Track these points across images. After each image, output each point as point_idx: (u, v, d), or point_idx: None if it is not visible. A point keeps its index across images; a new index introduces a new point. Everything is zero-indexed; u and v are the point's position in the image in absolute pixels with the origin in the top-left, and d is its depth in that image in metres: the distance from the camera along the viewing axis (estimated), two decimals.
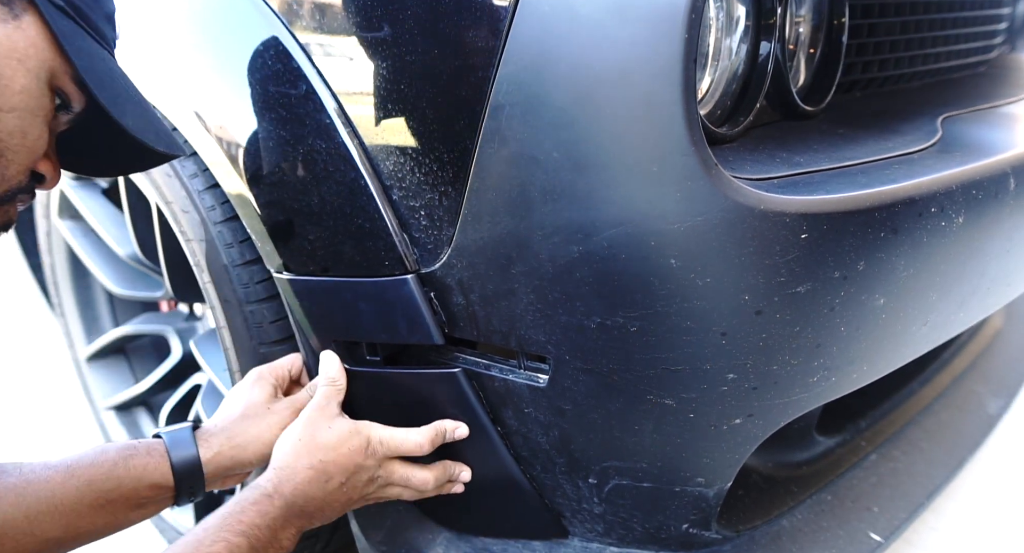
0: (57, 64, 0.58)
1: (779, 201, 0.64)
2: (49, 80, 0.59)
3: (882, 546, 0.93)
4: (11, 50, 0.55)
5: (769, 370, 0.71)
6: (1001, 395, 1.29)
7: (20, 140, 0.58)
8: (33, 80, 0.57)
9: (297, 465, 0.77)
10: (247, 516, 0.71)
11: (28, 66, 0.56)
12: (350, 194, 0.77)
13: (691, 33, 0.60)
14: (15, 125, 0.57)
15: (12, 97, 0.56)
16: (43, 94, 0.59)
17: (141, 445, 0.81)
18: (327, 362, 0.85)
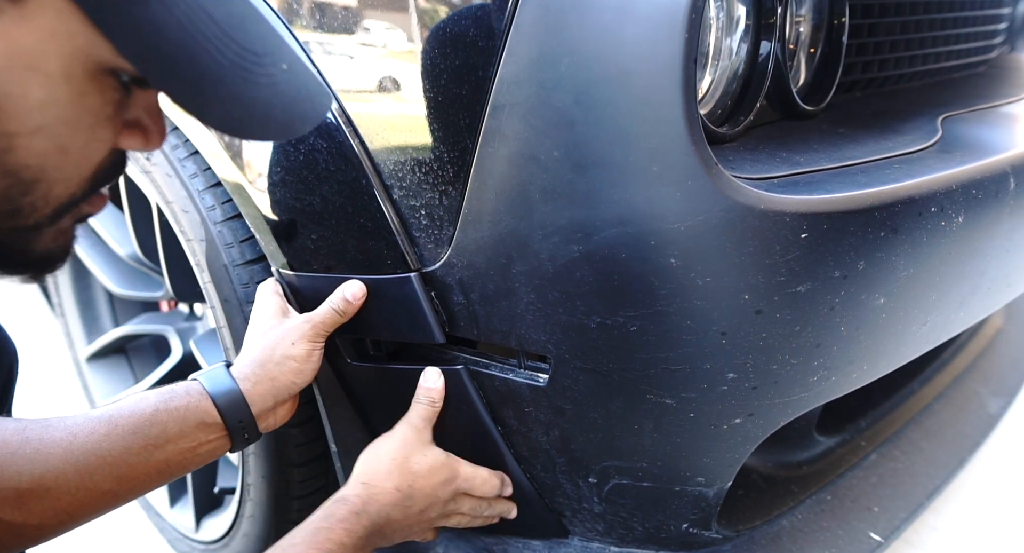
0: (99, 45, 0.42)
1: (779, 201, 0.64)
2: (94, 68, 0.43)
3: (882, 546, 0.93)
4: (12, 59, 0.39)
5: (769, 369, 0.71)
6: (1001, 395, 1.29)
7: (59, 158, 0.44)
8: (60, 85, 0.42)
9: (386, 485, 0.77)
10: (335, 534, 0.71)
11: (45, 70, 0.41)
12: (351, 193, 0.78)
13: (691, 33, 0.60)
14: (46, 145, 0.43)
15: (30, 116, 0.41)
16: (84, 92, 0.43)
17: (179, 387, 0.78)
18: (428, 377, 0.83)
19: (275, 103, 0.48)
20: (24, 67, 0.40)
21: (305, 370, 0.81)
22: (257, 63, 0.46)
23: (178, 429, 0.75)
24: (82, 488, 0.69)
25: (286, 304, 0.87)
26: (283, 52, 0.49)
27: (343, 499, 0.75)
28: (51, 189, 0.45)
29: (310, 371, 0.82)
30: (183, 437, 0.75)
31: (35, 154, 0.43)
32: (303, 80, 0.50)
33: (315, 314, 0.83)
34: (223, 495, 1.23)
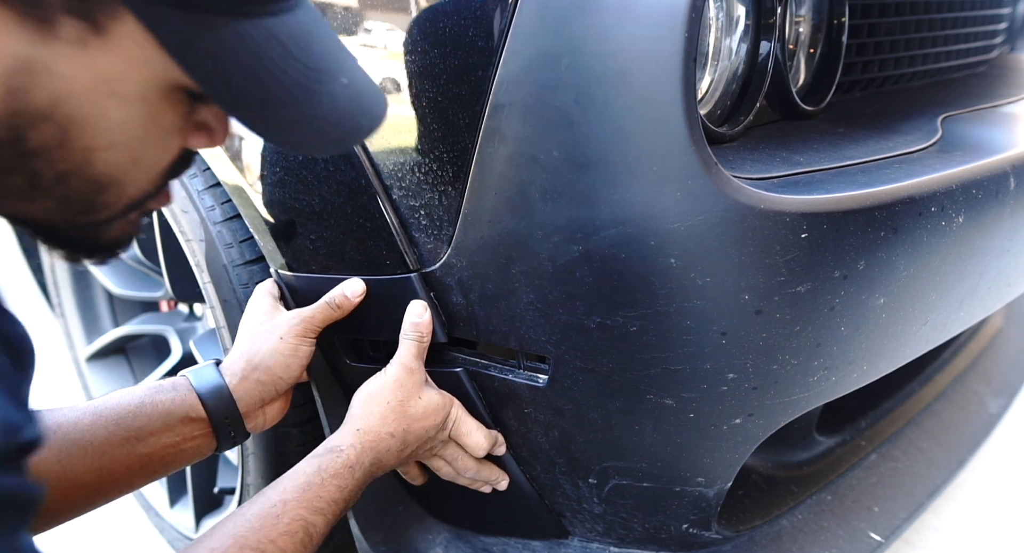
0: (172, 70, 0.45)
1: (779, 200, 0.64)
2: (169, 89, 0.46)
3: (882, 546, 0.93)
4: (94, 84, 0.43)
5: (769, 369, 0.71)
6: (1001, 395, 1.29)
7: (132, 167, 0.48)
8: (136, 107, 0.45)
9: (382, 431, 0.76)
10: (326, 491, 0.69)
11: (124, 94, 0.44)
12: (351, 193, 0.77)
13: (691, 32, 0.60)
14: (120, 158, 0.47)
15: (107, 134, 0.45)
16: (158, 112, 0.47)
17: (167, 382, 0.78)
18: (414, 310, 0.79)
19: (332, 119, 0.50)
20: (105, 92, 0.44)
21: (292, 365, 0.81)
22: (318, 81, 0.48)
23: (162, 423, 0.74)
24: (63, 480, 0.68)
25: (277, 303, 0.87)
26: (344, 66, 0.51)
27: (337, 449, 0.73)
28: (123, 191, 0.49)
29: (297, 366, 0.81)
30: (167, 431, 0.75)
31: (110, 165, 0.47)
32: (361, 93, 0.53)
33: (307, 309, 0.82)
34: (223, 495, 1.23)
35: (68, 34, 0.41)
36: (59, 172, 0.45)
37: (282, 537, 0.64)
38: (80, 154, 0.45)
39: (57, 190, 0.46)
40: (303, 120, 0.49)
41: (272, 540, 0.63)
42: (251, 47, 0.45)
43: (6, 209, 0.48)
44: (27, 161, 0.44)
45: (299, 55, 0.47)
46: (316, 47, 0.49)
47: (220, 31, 0.44)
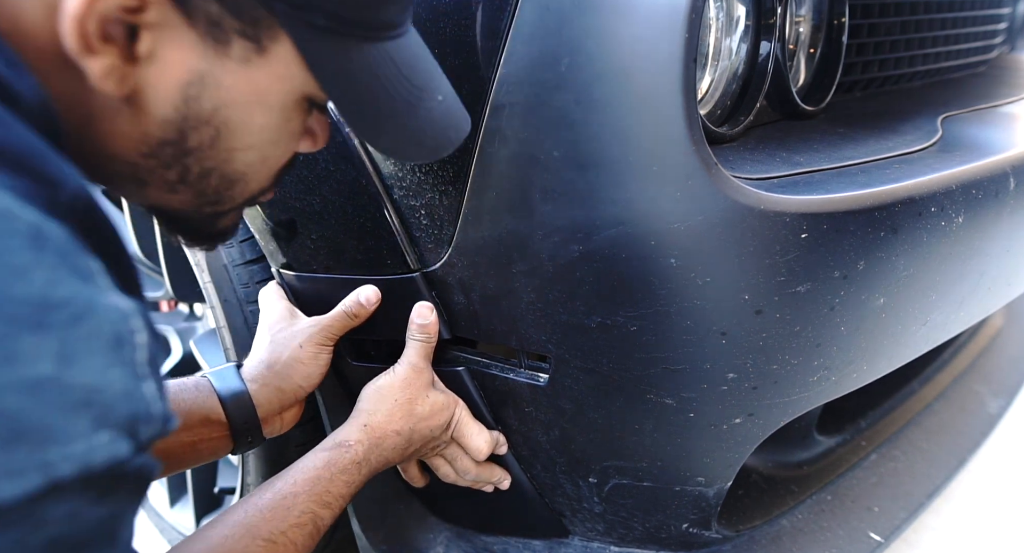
0: (309, 84, 0.52)
1: (779, 201, 0.64)
2: (300, 100, 0.54)
3: (882, 546, 0.93)
4: (249, 94, 0.50)
5: (769, 369, 0.71)
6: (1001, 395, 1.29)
7: (259, 165, 0.55)
8: (275, 114, 0.53)
9: (388, 429, 0.77)
10: (335, 486, 0.71)
11: (269, 103, 0.51)
12: (351, 193, 0.78)
13: (691, 33, 0.60)
14: (253, 157, 0.54)
15: (249, 137, 0.52)
16: (290, 118, 0.54)
17: (189, 381, 0.79)
18: (420, 313, 0.79)
19: (428, 131, 0.58)
20: (256, 102, 0.51)
21: (312, 374, 0.81)
22: (420, 98, 0.56)
23: (182, 422, 0.75)
24: None
25: (293, 307, 0.87)
26: (440, 84, 0.58)
27: (346, 445, 0.74)
28: (248, 186, 0.56)
29: (317, 375, 0.82)
30: (185, 430, 0.75)
31: (245, 164, 0.54)
32: (452, 108, 0.60)
33: (325, 317, 0.82)
34: (223, 495, 1.23)
35: (237, 53, 0.48)
36: (204, 168, 0.52)
37: (292, 529, 0.65)
38: (224, 153, 0.52)
39: (198, 184, 0.53)
40: (404, 131, 0.57)
41: (283, 531, 0.65)
42: (372, 66, 0.52)
43: (151, 199, 0.54)
44: (184, 158, 0.50)
45: (407, 74, 0.54)
46: (420, 66, 0.56)
47: (352, 52, 0.51)
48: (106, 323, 0.36)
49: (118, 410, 0.36)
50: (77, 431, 0.34)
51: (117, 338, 0.36)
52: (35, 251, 0.34)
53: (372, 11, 0.51)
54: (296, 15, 0.47)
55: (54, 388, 0.33)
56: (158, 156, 0.50)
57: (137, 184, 0.52)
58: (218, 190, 0.54)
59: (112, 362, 0.36)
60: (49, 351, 0.33)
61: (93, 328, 0.35)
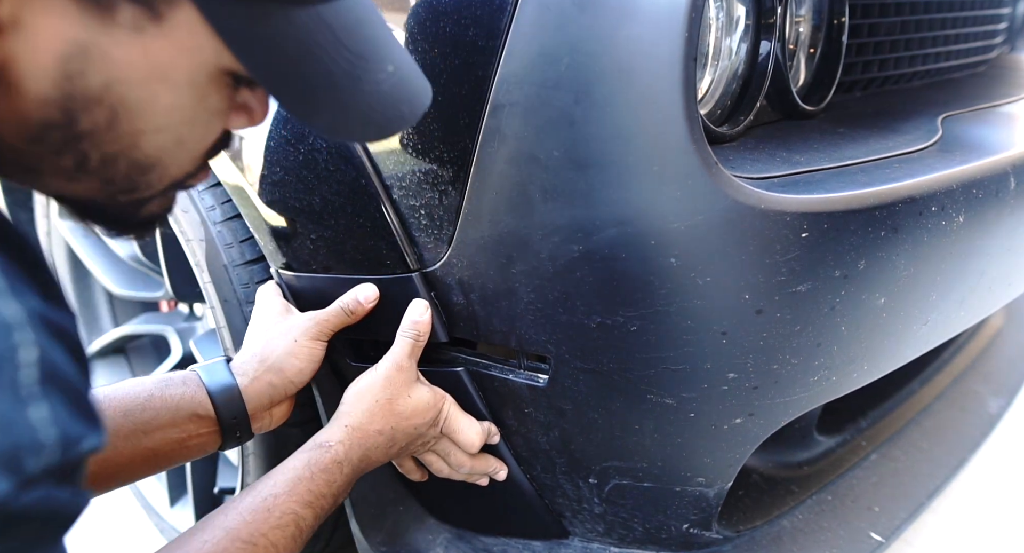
0: (223, 55, 0.45)
1: (779, 200, 0.64)
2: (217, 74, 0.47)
3: (883, 546, 0.93)
4: (147, 69, 0.43)
5: (769, 369, 0.71)
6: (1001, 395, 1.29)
7: (176, 149, 0.49)
8: (184, 92, 0.46)
9: (370, 429, 0.76)
10: (315, 485, 0.69)
11: (175, 79, 0.44)
12: (351, 193, 0.77)
13: (691, 32, 0.60)
14: (166, 140, 0.47)
15: (156, 118, 0.45)
16: (206, 95, 0.47)
17: (176, 376, 0.78)
18: (415, 309, 0.78)
19: (376, 107, 0.50)
20: (157, 78, 0.44)
21: (305, 369, 0.81)
22: (365, 69, 0.48)
23: (170, 418, 0.74)
24: None
25: (288, 304, 0.87)
26: (391, 53, 0.51)
27: (326, 445, 0.73)
28: (166, 171, 0.49)
29: (310, 371, 0.81)
30: (173, 426, 0.74)
31: (156, 147, 0.47)
32: (407, 80, 0.52)
33: (321, 312, 0.82)
34: (223, 495, 1.23)
35: (126, 20, 0.41)
36: (106, 154, 0.45)
37: (273, 530, 0.64)
38: (128, 137, 0.45)
39: (103, 171, 0.46)
40: (345, 107, 0.49)
41: (263, 533, 0.64)
42: (302, 34, 0.45)
43: (51, 189, 0.48)
44: (77, 143, 0.44)
45: (347, 42, 0.47)
46: (364, 32, 0.49)
47: (274, 18, 0.44)
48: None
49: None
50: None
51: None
52: None
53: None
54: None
55: None
56: (44, 141, 0.43)
57: (29, 172, 0.46)
58: (129, 176, 0.48)
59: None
60: None
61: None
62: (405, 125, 0.54)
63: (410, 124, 0.54)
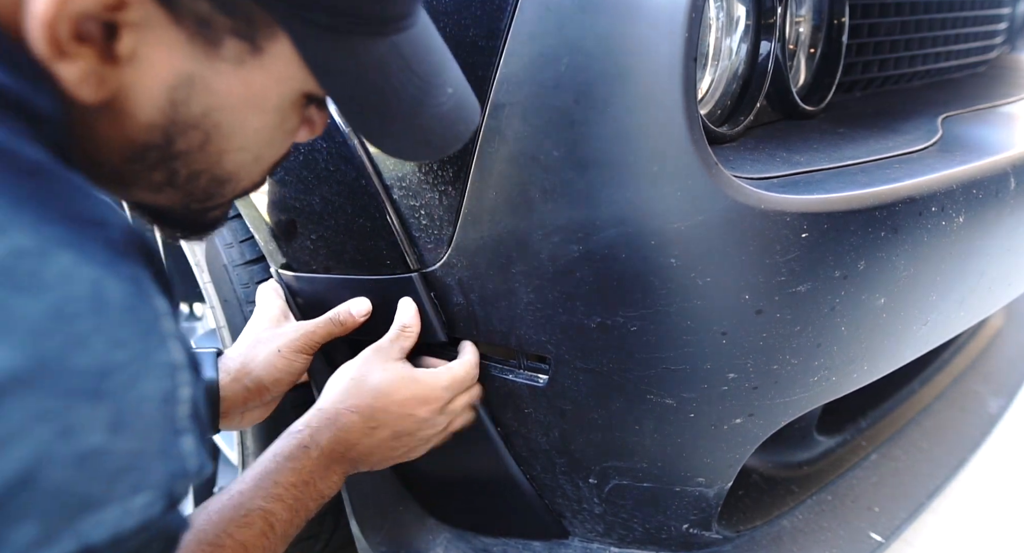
0: (309, 83, 0.49)
1: (779, 200, 0.64)
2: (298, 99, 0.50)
3: (883, 546, 0.93)
4: (243, 97, 0.46)
5: (769, 369, 0.71)
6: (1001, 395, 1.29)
7: (252, 165, 0.52)
8: (271, 115, 0.49)
9: (340, 407, 0.72)
10: (282, 476, 0.67)
11: (265, 106, 0.48)
12: (351, 193, 0.77)
13: (691, 32, 0.60)
14: (246, 158, 0.51)
15: (242, 139, 0.49)
16: (286, 118, 0.51)
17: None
18: (403, 309, 0.78)
19: (435, 129, 0.55)
20: (250, 105, 0.47)
21: (282, 380, 0.81)
22: (429, 93, 0.52)
23: None
24: None
25: (288, 308, 0.87)
26: (450, 76, 0.55)
27: (293, 432, 0.71)
28: (239, 184, 0.54)
29: (287, 382, 0.81)
30: None
31: (236, 164, 0.51)
32: (462, 101, 0.56)
33: (310, 323, 0.81)
34: None
35: (229, 53, 0.44)
36: (193, 171, 0.49)
37: (239, 530, 0.62)
38: (214, 156, 0.49)
39: (187, 185, 0.50)
40: (409, 130, 0.53)
41: (229, 533, 0.62)
42: (378, 62, 0.48)
43: (134, 198, 0.52)
44: (170, 162, 0.48)
45: (416, 68, 0.51)
46: (430, 58, 0.52)
47: (357, 49, 0.47)
48: (156, 382, 0.35)
49: (156, 471, 0.35)
50: (115, 497, 0.33)
51: (164, 397, 0.36)
52: (96, 315, 0.33)
53: (379, 5, 0.47)
54: (296, 13, 0.44)
55: (101, 458, 0.33)
56: (143, 160, 0.47)
57: (121, 185, 0.49)
58: (207, 190, 0.51)
59: (156, 423, 0.35)
60: (102, 421, 0.33)
61: (145, 391, 0.35)
62: (459, 145, 0.58)
63: (464, 142, 0.58)
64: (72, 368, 0.32)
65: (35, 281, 0.32)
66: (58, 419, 0.31)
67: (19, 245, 0.32)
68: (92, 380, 0.32)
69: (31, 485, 0.31)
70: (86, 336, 0.32)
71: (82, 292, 0.33)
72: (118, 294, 0.34)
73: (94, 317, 0.33)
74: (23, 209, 0.33)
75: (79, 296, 0.33)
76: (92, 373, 0.32)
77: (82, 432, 0.32)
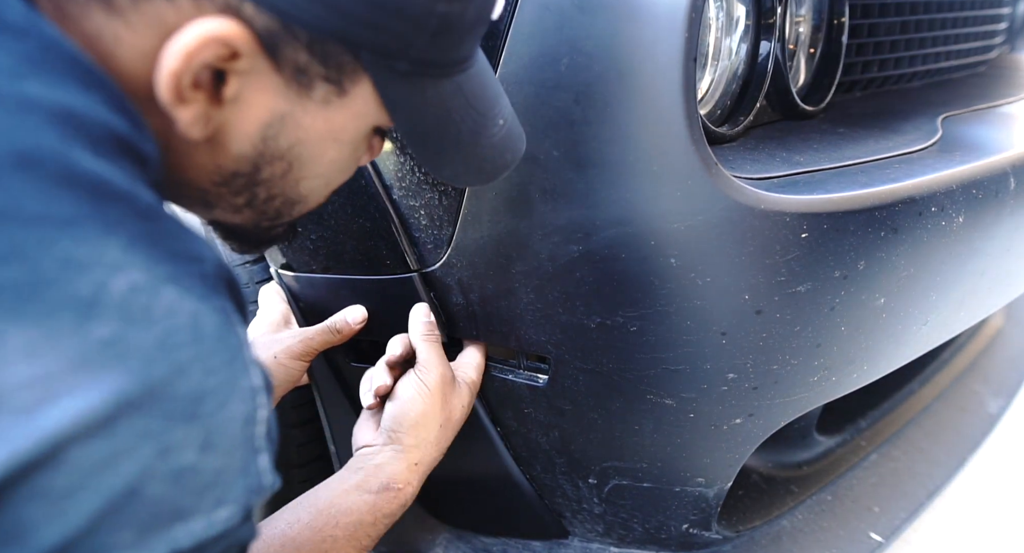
0: (382, 118, 0.52)
1: (779, 200, 0.64)
2: (370, 132, 0.55)
3: (882, 546, 0.93)
4: (326, 132, 0.50)
5: (769, 370, 0.71)
6: (1001, 395, 1.29)
7: (323, 189, 0.57)
8: (347, 147, 0.53)
9: (436, 453, 0.76)
10: (376, 530, 0.71)
11: (343, 139, 0.52)
12: (351, 193, 0.77)
13: (691, 32, 0.60)
14: (319, 184, 0.55)
15: (319, 168, 0.53)
16: (358, 148, 0.55)
17: None
18: (421, 310, 0.79)
19: (488, 157, 0.58)
20: (331, 139, 0.51)
21: (279, 386, 0.81)
22: (484, 125, 0.56)
23: None
24: None
25: (290, 313, 0.87)
26: (503, 108, 0.58)
27: (394, 488, 0.72)
28: (307, 205, 0.57)
29: (283, 389, 0.82)
30: None
31: (309, 189, 0.55)
32: (512, 131, 0.59)
33: (308, 331, 0.82)
34: None
35: (318, 96, 0.48)
36: (271, 195, 0.53)
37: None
38: (292, 183, 0.53)
39: (263, 207, 0.54)
40: (467, 160, 0.57)
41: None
42: (444, 100, 0.52)
43: (214, 217, 0.55)
44: (254, 187, 0.52)
45: (475, 104, 0.54)
46: (486, 94, 0.56)
47: (428, 89, 0.51)
48: (241, 405, 0.38)
49: (237, 487, 0.39)
50: (202, 510, 0.37)
51: (247, 419, 0.39)
52: (195, 344, 0.36)
53: (452, 52, 0.50)
54: (382, 62, 0.48)
55: (193, 474, 0.36)
56: (229, 185, 0.51)
57: (205, 206, 0.53)
58: (279, 210, 0.56)
59: (239, 443, 0.39)
60: (196, 441, 0.36)
61: (232, 412, 0.38)
62: (508, 170, 0.61)
63: (511, 169, 0.61)
64: (174, 393, 0.35)
65: (147, 314, 0.35)
66: (160, 439, 0.35)
67: (135, 282, 0.35)
68: (190, 404, 0.36)
69: (134, 497, 0.34)
70: (187, 364, 0.36)
71: (184, 324, 0.36)
72: (211, 325, 0.37)
73: (193, 347, 0.36)
74: (138, 248, 0.36)
75: (181, 327, 0.36)
76: (190, 397, 0.36)
77: (179, 451, 0.35)
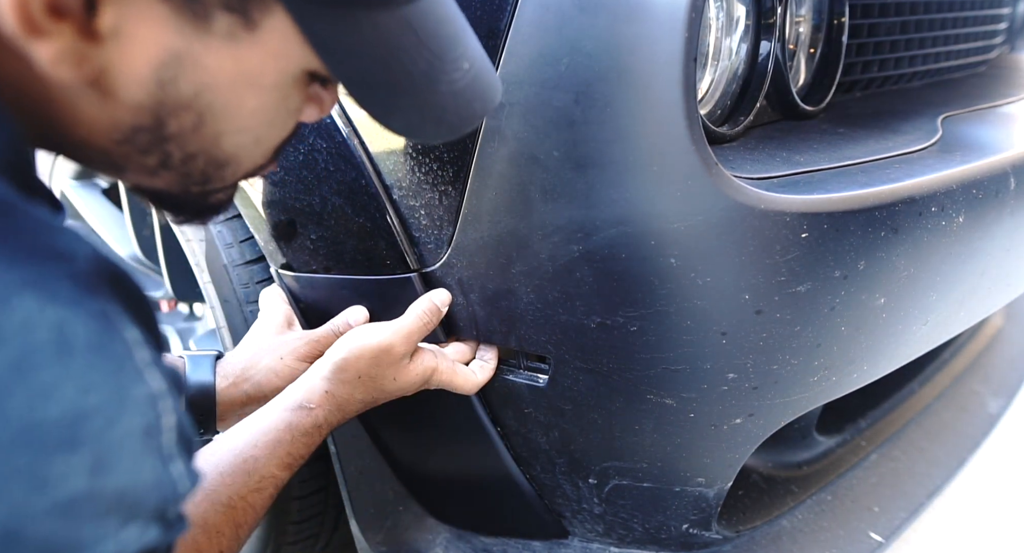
0: (310, 60, 0.46)
1: (779, 200, 0.64)
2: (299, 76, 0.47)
3: (882, 546, 0.93)
4: (238, 75, 0.44)
5: (769, 370, 0.71)
6: (1001, 395, 1.29)
7: (253, 146, 0.50)
8: (270, 94, 0.47)
9: (352, 398, 0.74)
10: (295, 448, 0.70)
11: (263, 84, 0.45)
12: (351, 193, 0.77)
13: (691, 32, 0.60)
14: (246, 139, 0.48)
15: (239, 120, 0.46)
16: (288, 96, 0.48)
17: (168, 358, 0.78)
18: (437, 295, 0.77)
19: (449, 107, 0.51)
20: (246, 83, 0.45)
21: (282, 387, 0.80)
22: (442, 69, 0.49)
23: None
24: None
25: (293, 315, 0.87)
26: (467, 50, 0.51)
27: (307, 407, 0.72)
28: (240, 166, 0.51)
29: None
30: None
31: (235, 145, 0.48)
32: (480, 77, 0.52)
33: (314, 333, 0.82)
34: None
35: (220, 29, 0.41)
36: (188, 153, 0.47)
37: (252, 494, 0.65)
38: (210, 138, 0.46)
39: (182, 168, 0.48)
40: (421, 108, 0.50)
41: (243, 496, 0.64)
42: (386, 37, 0.45)
43: (131, 181, 0.50)
44: (163, 144, 0.45)
45: (428, 43, 0.47)
46: (445, 31, 0.49)
47: (362, 24, 0.44)
48: (137, 416, 0.35)
49: (147, 501, 0.35)
50: (106, 533, 0.33)
51: (147, 429, 0.35)
52: (61, 360, 0.32)
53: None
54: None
55: (87, 501, 0.32)
56: (132, 142, 0.44)
57: (114, 168, 0.48)
58: (206, 172, 0.49)
59: (142, 455, 0.35)
60: (82, 466, 0.32)
61: (126, 427, 0.34)
62: (476, 123, 0.54)
63: (480, 120, 0.54)
64: (40, 421, 0.31)
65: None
66: (31, 474, 0.31)
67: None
68: (65, 429, 0.32)
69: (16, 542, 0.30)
70: (51, 386, 0.31)
71: (44, 339, 0.31)
72: (84, 334, 0.33)
73: (58, 365, 0.32)
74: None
75: (41, 344, 0.31)
76: (64, 423, 0.32)
77: (60, 482, 0.31)
